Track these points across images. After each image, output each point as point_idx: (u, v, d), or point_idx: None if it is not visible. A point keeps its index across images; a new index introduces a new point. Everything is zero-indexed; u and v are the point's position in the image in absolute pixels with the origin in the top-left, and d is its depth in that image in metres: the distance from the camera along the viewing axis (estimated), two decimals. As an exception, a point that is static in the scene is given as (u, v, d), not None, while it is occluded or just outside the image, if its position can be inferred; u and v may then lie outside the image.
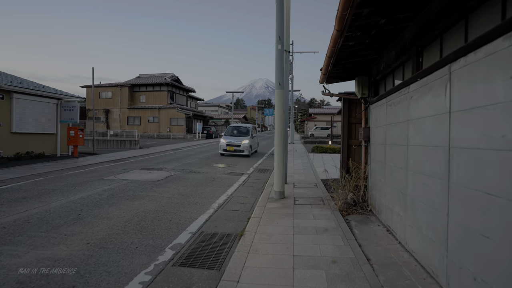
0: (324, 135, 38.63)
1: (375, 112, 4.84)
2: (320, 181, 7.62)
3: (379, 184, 4.53)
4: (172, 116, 33.92)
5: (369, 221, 4.46)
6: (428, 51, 3.15)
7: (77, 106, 12.83)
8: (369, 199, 5.11)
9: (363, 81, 5.33)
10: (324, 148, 16.31)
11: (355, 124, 6.15)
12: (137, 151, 16.27)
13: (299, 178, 8.16)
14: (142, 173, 8.72)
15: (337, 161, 11.56)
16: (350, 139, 6.16)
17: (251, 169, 10.18)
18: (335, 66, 4.85)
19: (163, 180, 7.69)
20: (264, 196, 6.07)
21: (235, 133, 15.29)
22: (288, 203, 5.44)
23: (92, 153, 14.06)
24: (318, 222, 4.35)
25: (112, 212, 4.82)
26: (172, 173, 8.82)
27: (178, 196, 6.03)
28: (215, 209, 5.19)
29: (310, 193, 6.26)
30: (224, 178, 8.24)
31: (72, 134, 12.58)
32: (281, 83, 5.81)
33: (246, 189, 6.92)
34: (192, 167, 10.16)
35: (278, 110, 5.85)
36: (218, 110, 73.52)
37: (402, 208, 3.41)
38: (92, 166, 10.08)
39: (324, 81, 5.69)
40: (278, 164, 5.85)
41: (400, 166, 3.53)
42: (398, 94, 3.62)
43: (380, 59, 4.60)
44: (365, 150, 5.60)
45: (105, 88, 36.12)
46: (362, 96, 5.39)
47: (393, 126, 3.84)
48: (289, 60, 8.12)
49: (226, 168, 10.14)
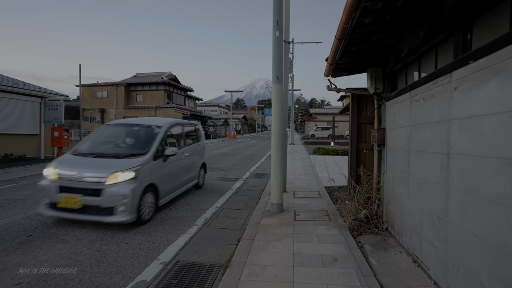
0: (325, 135, 37.80)
1: (393, 110, 3.97)
2: (323, 189, 6.75)
3: (399, 198, 3.66)
4: (169, 116, 33.00)
5: (388, 245, 3.59)
6: (482, 24, 2.28)
7: (62, 104, 11.98)
8: (385, 215, 4.24)
9: (376, 74, 4.46)
10: (326, 149, 15.45)
11: (366, 124, 5.28)
12: (129, 152, 15.39)
13: (300, 185, 7.29)
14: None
15: (341, 165, 10.70)
16: (360, 142, 5.28)
17: (247, 173, 9.31)
18: (345, 54, 3.98)
19: (146, 188, 6.82)
20: (260, 208, 5.21)
21: (106, 147, 5.23)
22: (287, 219, 4.57)
23: (79, 155, 13.18)
24: (325, 247, 3.48)
25: (72, 232, 3.95)
26: (159, 179, 7.94)
27: (160, 208, 5.16)
28: (200, 227, 4.32)
29: (313, 205, 5.39)
30: (216, 185, 7.37)
31: (56, 135, 11.71)
32: (279, 76, 4.95)
33: (239, 199, 6.05)
34: (183, 172, 9.29)
35: (276, 107, 4.99)
36: (218, 110, 72.67)
37: (439, 238, 2.55)
38: (74, 170, 9.20)
39: (330, 74, 4.82)
40: (275, 171, 4.98)
41: (434, 180, 2.66)
42: (431, 86, 2.75)
43: (401, 44, 3.73)
44: (378, 155, 4.74)
45: (100, 87, 35.24)
46: (375, 92, 4.52)
47: (422, 128, 2.97)
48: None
49: (219, 173, 9.27)
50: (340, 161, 12.23)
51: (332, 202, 5.62)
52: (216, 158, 13.32)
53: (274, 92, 4.99)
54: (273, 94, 5.02)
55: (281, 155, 5.00)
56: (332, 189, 6.76)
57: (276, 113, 4.99)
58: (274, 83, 4.98)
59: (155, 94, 34.26)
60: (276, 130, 4.99)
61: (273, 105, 5.01)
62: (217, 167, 10.41)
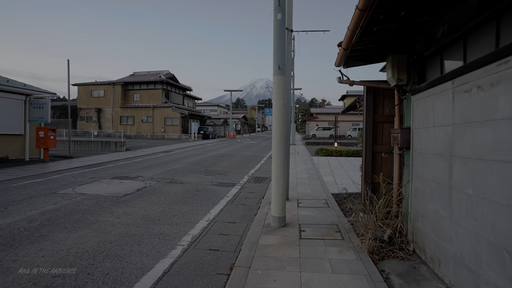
0: (326, 135, 37.04)
1: (423, 106, 3.20)
2: (331, 197, 5.98)
3: (433, 216, 2.90)
4: (167, 115, 32.29)
5: (420, 276, 2.82)
6: None
7: (48, 102, 11.20)
8: (411, 233, 3.47)
9: (399, 62, 3.69)
10: (330, 150, 14.67)
11: (383, 124, 4.51)
12: (122, 153, 14.64)
13: (304, 191, 6.52)
14: (110, 184, 7.09)
15: (347, 168, 9.93)
16: (376, 144, 4.51)
17: (246, 177, 8.54)
18: (364, 36, 3.21)
19: (131, 195, 6.05)
20: (258, 221, 4.44)
21: None
22: (291, 236, 3.80)
23: (67, 157, 12.43)
24: (341, 280, 2.71)
25: (23, 258, 3.18)
26: (147, 184, 7.18)
27: (141, 222, 4.39)
28: (185, 247, 3.55)
29: (320, 217, 4.62)
30: (210, 191, 6.60)
31: (42, 135, 10.95)
32: (281, 66, 4.18)
33: (236, 209, 5.28)
34: (175, 175, 8.52)
35: (277, 103, 4.21)
36: (217, 110, 71.92)
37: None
38: (57, 174, 8.44)
39: (342, 63, 4.04)
40: (276, 179, 4.20)
41: (504, 201, 1.90)
42: (495, 69, 1.99)
43: (436, 21, 2.96)
44: (399, 160, 3.97)
45: (97, 86, 34.50)
46: (397, 84, 3.75)
47: (476, 127, 2.21)
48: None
49: (215, 177, 8.50)
50: (345, 163, 11.46)
51: (342, 213, 4.85)
52: (213, 160, 12.55)
53: (276, 85, 4.22)
54: (274, 88, 4.25)
55: (283, 160, 4.23)
56: (340, 197, 5.99)
57: (277, 109, 4.22)
58: (276, 75, 4.21)
59: (152, 93, 33.53)
60: (278, 130, 4.21)
61: (274, 100, 4.23)
62: (213, 170, 9.64)
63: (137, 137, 32.52)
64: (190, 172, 9.11)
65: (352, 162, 11.85)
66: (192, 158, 13.04)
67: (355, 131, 34.41)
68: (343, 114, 33.81)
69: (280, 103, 4.21)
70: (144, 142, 25.40)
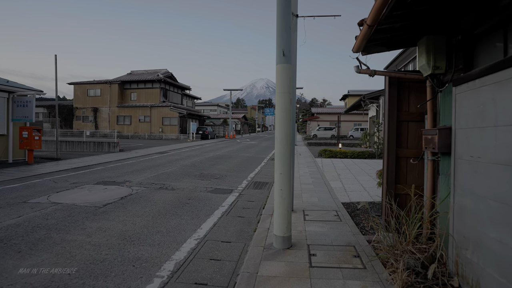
0: (327, 135, 36.32)
1: (473, 99, 2.44)
2: (341, 207, 5.20)
3: (497, 249, 2.13)
4: (164, 115, 31.51)
5: (480, 332, 2.05)
6: None
7: (32, 100, 10.43)
8: (455, 264, 2.70)
9: (436, 45, 2.93)
10: (334, 152, 13.90)
11: (408, 123, 3.74)
12: (114, 155, 13.87)
13: (310, 200, 5.75)
14: (92, 191, 6.32)
15: (355, 171, 9.14)
16: (400, 147, 3.74)
17: (244, 182, 7.77)
18: (396, 9, 2.44)
19: (113, 204, 5.29)
20: (258, 240, 3.67)
21: None
22: (298, 264, 3.03)
23: (54, 158, 11.66)
24: None
25: None
26: (134, 190, 6.41)
27: (115, 242, 3.62)
28: (165, 281, 2.78)
29: (332, 235, 3.85)
30: (203, 200, 5.83)
31: (25, 135, 10.18)
32: (286, 52, 3.41)
33: (232, 223, 4.51)
34: (167, 180, 7.75)
35: (282, 98, 3.44)
36: (217, 109, 71.19)
37: None
38: (37, 178, 7.68)
39: (362, 48, 3.26)
40: (280, 191, 3.43)
41: None
42: None
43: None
44: (432, 168, 3.20)
45: (93, 85, 33.72)
46: (433, 73, 2.99)
47: None
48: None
49: (211, 182, 7.73)
50: (352, 166, 10.68)
51: (358, 229, 4.08)
52: (210, 162, 11.78)
53: (280, 76, 3.45)
54: (278, 79, 3.47)
55: (288, 167, 3.46)
56: (352, 208, 5.22)
57: (282, 106, 3.45)
58: (279, 63, 3.44)
59: (150, 92, 32.77)
60: (282, 130, 3.44)
61: (278, 94, 3.46)
62: (209, 174, 8.86)
63: (134, 137, 31.75)
64: (184, 176, 8.34)
65: (359, 164, 11.08)
66: (188, 160, 12.27)
67: (357, 131, 33.67)
68: (345, 114, 33.08)
69: (285, 98, 3.44)
70: (140, 142, 24.63)
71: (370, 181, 7.58)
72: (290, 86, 3.48)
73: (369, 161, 12.10)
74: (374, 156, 13.60)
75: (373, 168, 9.96)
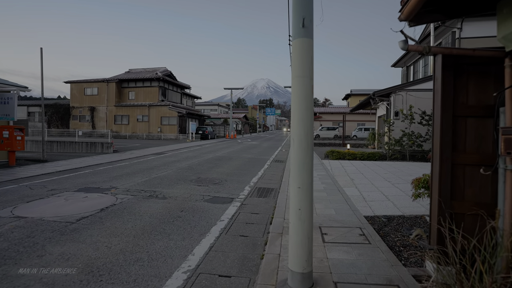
0: (330, 135, 35.36)
1: None
2: (365, 222, 4.28)
3: None
4: (163, 114, 30.60)
5: None
6: None
7: (14, 97, 9.53)
8: None
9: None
10: (342, 153, 12.98)
11: (466, 119, 2.81)
12: (107, 156, 12.97)
13: (325, 212, 4.83)
14: (69, 200, 5.42)
15: (369, 175, 8.19)
16: (457, 151, 2.81)
17: (247, 188, 6.84)
18: None
19: (89, 218, 4.38)
20: (267, 273, 2.76)
21: None
22: (328, 320, 2.11)
23: (40, 160, 10.76)
24: None
25: None
26: (118, 200, 5.50)
27: (76, 279, 2.71)
28: None
29: (364, 266, 2.92)
30: (199, 212, 4.92)
31: (6, 135, 9.28)
32: (306, 22, 2.48)
33: (232, 245, 3.59)
34: (159, 186, 6.84)
35: (300, 83, 2.51)
36: (218, 109, 70.28)
37: None
38: (12, 184, 6.79)
39: (413, 15, 2.33)
40: (299, 210, 2.51)
41: None
42: None
43: None
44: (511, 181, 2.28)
45: (90, 83, 32.83)
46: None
47: None
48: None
49: (208, 188, 6.81)
50: (364, 169, 9.75)
51: (394, 256, 3.16)
52: (208, 164, 10.86)
53: (298, 54, 2.52)
54: (295, 58, 2.55)
55: (309, 178, 2.54)
56: (379, 223, 4.29)
57: (300, 93, 2.52)
58: (297, 37, 2.52)
59: (148, 91, 31.89)
60: (301, 128, 2.52)
61: (296, 79, 2.54)
62: (207, 178, 7.95)
63: (132, 137, 30.87)
64: (179, 181, 7.43)
65: (371, 167, 10.14)
66: (185, 162, 11.36)
67: (361, 131, 32.74)
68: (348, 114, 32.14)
69: (304, 84, 2.51)
70: (138, 142, 23.72)
71: (391, 188, 6.65)
72: (311, 68, 2.56)
73: (381, 164, 11.17)
74: (385, 158, 12.67)
75: (389, 172, 9.03)
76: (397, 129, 12.83)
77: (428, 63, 16.29)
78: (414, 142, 12.20)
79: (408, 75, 19.57)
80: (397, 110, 13.13)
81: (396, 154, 12.66)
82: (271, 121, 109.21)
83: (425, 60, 16.83)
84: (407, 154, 12.47)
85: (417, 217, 4.51)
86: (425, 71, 16.86)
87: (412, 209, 4.90)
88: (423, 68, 17.21)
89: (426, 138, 12.31)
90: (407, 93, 13.13)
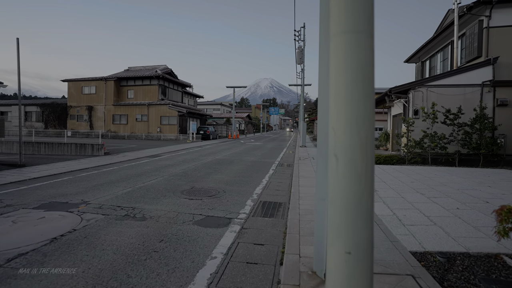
0: (337, 136, 33.94)
1: None
2: (415, 262, 2.98)
3: None
4: (163, 114, 29.45)
5: None
6: None
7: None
8: None
9: None
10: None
11: None
12: (96, 159, 11.79)
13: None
14: (18, 223, 4.20)
15: (395, 185, 6.86)
16: None
17: (249, 203, 5.58)
18: None
19: (26, 257, 3.15)
20: None
21: None
22: None
23: (17, 165, 9.58)
24: None
25: None
26: (83, 221, 4.28)
27: None
28: None
29: None
30: (183, 241, 3.67)
31: (-26, 137, 8.12)
32: None
33: (224, 311, 2.34)
34: (141, 200, 5.60)
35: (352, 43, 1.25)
36: (221, 108, 69.12)
37: None
38: (-35, 196, 5.59)
39: None
40: None
41: None
42: None
43: None
44: None
45: (88, 82, 31.77)
46: None
47: None
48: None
49: (202, 203, 5.57)
50: (384, 175, 8.43)
51: None
52: (206, 170, 9.61)
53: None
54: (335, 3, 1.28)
55: (368, 234, 1.27)
56: (434, 265, 3.00)
57: (352, 67, 1.25)
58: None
59: (148, 90, 30.77)
60: (353, 132, 1.25)
61: (339, 37, 1.27)
62: (201, 189, 6.70)
63: (130, 138, 29.75)
64: (167, 193, 6.19)
65: (392, 173, 8.82)
66: (180, 167, 10.12)
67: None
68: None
69: (359, 46, 1.25)
70: (135, 143, 22.57)
71: (428, 204, 5.35)
72: (371, 18, 1.29)
73: (401, 169, 9.85)
74: (404, 161, 11.35)
75: (416, 180, 7.71)
76: (417, 129, 11.49)
77: (448, 57, 14.88)
78: (438, 144, 10.86)
79: (424, 71, 18.16)
80: (416, 108, 11.79)
81: (416, 157, 11.32)
82: (274, 121, 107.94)
83: (444, 54, 15.43)
84: (428, 157, 11.13)
85: (489, 256, 3.21)
86: (444, 66, 15.46)
87: (475, 242, 3.61)
88: (441, 62, 15.79)
89: (450, 140, 10.96)
90: (428, 89, 11.77)
